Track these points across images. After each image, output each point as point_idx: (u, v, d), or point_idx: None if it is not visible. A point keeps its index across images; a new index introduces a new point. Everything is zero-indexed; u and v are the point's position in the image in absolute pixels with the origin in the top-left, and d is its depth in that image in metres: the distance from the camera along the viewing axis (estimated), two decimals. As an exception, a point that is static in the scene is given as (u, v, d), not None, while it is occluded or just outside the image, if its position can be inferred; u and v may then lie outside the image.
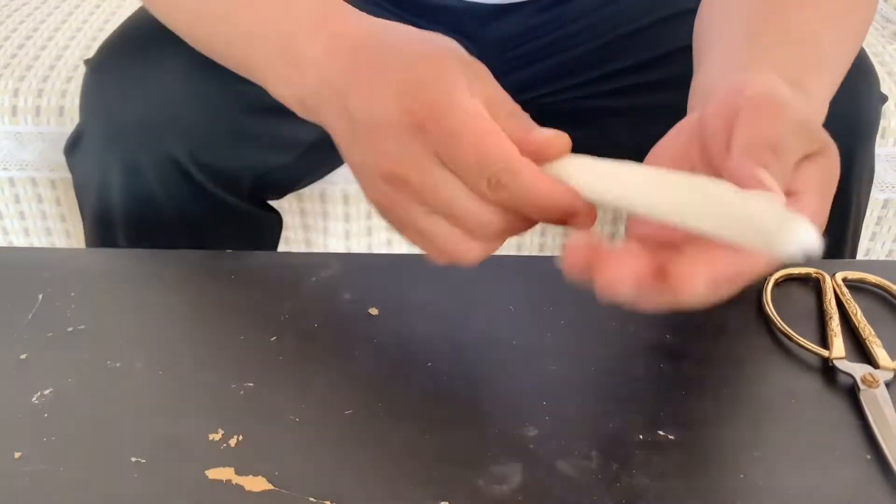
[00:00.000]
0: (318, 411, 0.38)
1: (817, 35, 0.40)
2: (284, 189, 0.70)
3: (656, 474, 0.35)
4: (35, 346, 0.42)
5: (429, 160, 0.32)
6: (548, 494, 0.34)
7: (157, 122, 0.56)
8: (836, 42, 0.41)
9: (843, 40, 0.42)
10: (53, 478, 0.35)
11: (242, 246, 0.66)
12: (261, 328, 0.43)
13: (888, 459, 0.36)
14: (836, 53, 0.41)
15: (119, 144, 0.57)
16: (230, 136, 0.59)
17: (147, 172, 0.57)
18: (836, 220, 0.61)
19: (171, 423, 0.38)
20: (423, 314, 0.44)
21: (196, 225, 0.61)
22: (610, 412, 0.38)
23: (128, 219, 0.60)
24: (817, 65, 0.38)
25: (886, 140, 0.85)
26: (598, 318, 0.44)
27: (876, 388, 0.39)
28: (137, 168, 0.57)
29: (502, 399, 0.39)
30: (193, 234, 0.62)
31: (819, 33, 0.40)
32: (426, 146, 0.32)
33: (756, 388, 0.40)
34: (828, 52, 0.40)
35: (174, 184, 0.58)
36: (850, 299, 0.44)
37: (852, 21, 0.43)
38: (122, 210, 0.59)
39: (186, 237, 0.61)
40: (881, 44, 0.94)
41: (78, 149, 0.60)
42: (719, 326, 0.43)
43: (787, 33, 0.39)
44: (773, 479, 0.35)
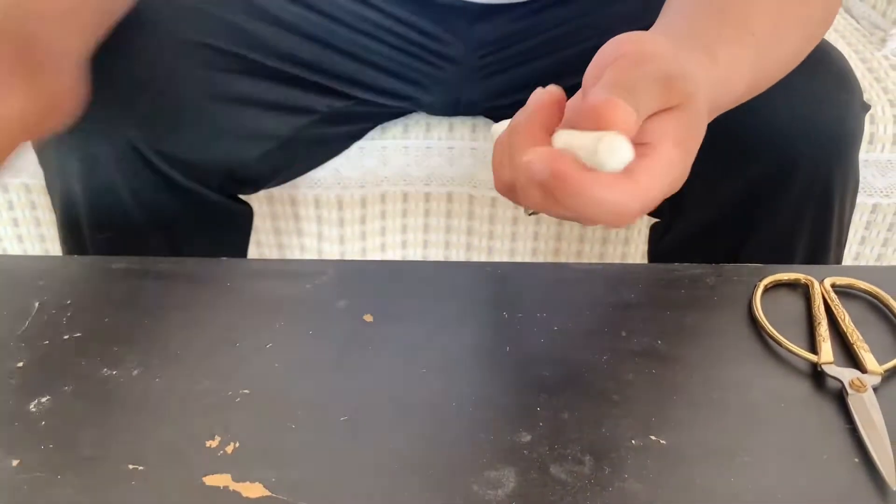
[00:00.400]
0: (313, 418, 0.39)
1: (749, 18, 0.43)
2: (256, 184, 0.70)
3: (648, 478, 0.36)
4: (31, 354, 0.42)
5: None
6: (541, 499, 0.35)
7: (113, 111, 0.56)
8: (772, 26, 0.43)
9: (779, 26, 0.44)
10: (51, 485, 0.35)
11: (211, 236, 0.65)
12: (256, 335, 0.43)
13: (876, 463, 0.36)
14: (767, 36, 0.43)
15: (75, 134, 0.57)
16: (194, 125, 0.59)
17: (105, 162, 0.57)
18: (817, 228, 0.62)
19: (167, 430, 0.38)
20: (417, 321, 0.44)
21: (160, 214, 0.61)
22: (602, 417, 0.39)
23: (90, 208, 0.60)
24: (738, 40, 0.42)
25: (875, 146, 0.86)
26: (589, 324, 0.44)
27: (864, 392, 0.39)
28: (95, 157, 0.57)
29: (496, 405, 0.40)
30: (158, 224, 0.61)
31: (752, 17, 0.43)
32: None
33: (745, 392, 0.40)
34: (756, 31, 0.42)
35: (133, 173, 0.58)
36: (838, 305, 0.45)
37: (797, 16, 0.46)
38: (84, 200, 0.59)
39: (151, 227, 0.61)
40: (869, 50, 0.95)
41: (45, 144, 0.60)
42: (709, 332, 0.44)
43: (720, 11, 0.43)
44: (761, 484, 0.36)
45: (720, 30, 0.42)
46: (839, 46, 0.96)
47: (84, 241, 0.62)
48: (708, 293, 0.46)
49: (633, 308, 0.45)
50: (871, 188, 0.88)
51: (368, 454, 0.37)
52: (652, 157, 0.33)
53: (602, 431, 0.38)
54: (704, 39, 0.41)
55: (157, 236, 0.62)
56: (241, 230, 0.70)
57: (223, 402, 0.39)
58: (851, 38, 0.98)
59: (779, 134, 0.57)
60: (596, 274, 0.48)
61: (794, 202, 0.60)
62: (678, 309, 0.45)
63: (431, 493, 0.35)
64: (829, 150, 0.59)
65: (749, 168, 0.59)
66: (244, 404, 0.39)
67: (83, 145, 0.57)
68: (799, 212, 0.60)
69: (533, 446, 0.37)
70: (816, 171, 0.59)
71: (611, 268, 0.49)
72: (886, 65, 0.92)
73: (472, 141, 0.83)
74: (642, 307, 0.45)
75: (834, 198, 0.61)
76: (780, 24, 0.45)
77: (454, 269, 0.49)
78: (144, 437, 0.38)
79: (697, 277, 0.47)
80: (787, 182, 0.59)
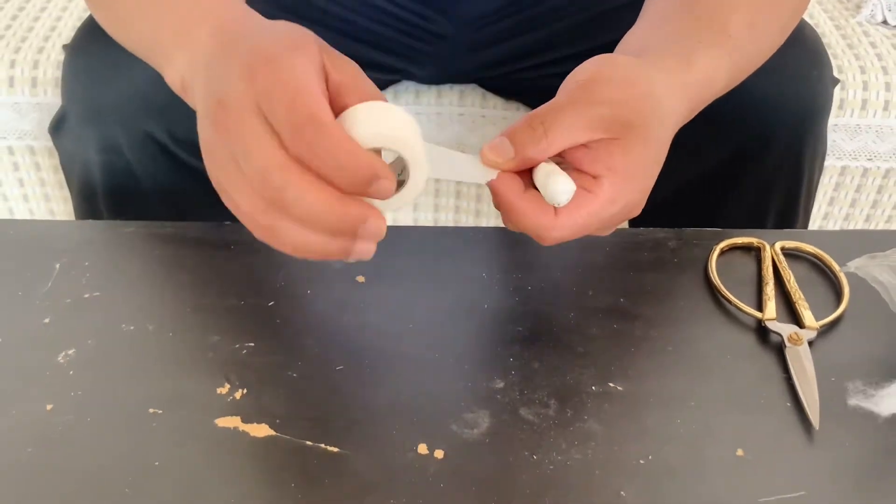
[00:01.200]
0: (311, 368, 0.43)
1: (726, 20, 0.45)
2: None
3: (605, 420, 0.41)
4: (56, 311, 0.47)
5: (251, 108, 0.32)
6: (512, 437, 0.40)
7: (134, 103, 0.60)
8: (749, 26, 0.46)
9: (756, 24, 0.47)
10: (81, 427, 0.40)
11: (220, 213, 0.70)
12: (259, 294, 0.48)
13: (804, 407, 0.41)
14: (743, 35, 0.46)
15: (97, 124, 0.61)
16: None
17: (125, 149, 0.61)
18: (786, 193, 0.67)
19: (182, 378, 0.43)
20: (405, 281, 0.49)
21: (174, 196, 0.65)
22: (567, 366, 0.44)
23: (109, 192, 0.64)
24: (715, 43, 0.44)
25: (845, 111, 0.90)
26: (560, 284, 0.49)
27: (800, 345, 0.44)
28: (116, 146, 0.61)
29: (474, 356, 0.44)
30: (172, 205, 0.65)
31: (729, 20, 0.45)
32: (251, 94, 0.32)
33: (696, 346, 0.45)
34: (733, 32, 0.45)
35: (151, 159, 0.62)
36: (785, 266, 0.50)
37: (772, 13, 0.48)
38: (102, 184, 0.63)
39: (165, 208, 0.65)
40: (844, 17, 0.98)
41: (61, 129, 0.64)
42: (668, 291, 0.49)
43: (697, 18, 0.45)
44: (704, 425, 0.41)
45: (698, 35, 0.44)
46: (815, 12, 0.99)
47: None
48: (669, 256, 0.51)
49: (600, 269, 0.50)
50: (841, 151, 0.93)
51: (361, 399, 0.42)
52: (591, 194, 0.37)
53: (567, 379, 0.43)
54: (681, 47, 0.43)
55: (169, 216, 0.66)
56: None
57: (231, 354, 0.44)
58: (828, 4, 1.01)
59: (755, 107, 0.61)
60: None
61: (768, 169, 0.64)
62: (641, 270, 0.50)
63: (416, 433, 0.40)
64: (801, 123, 0.63)
65: (727, 138, 0.63)
66: (250, 356, 0.44)
67: (103, 135, 0.60)
68: (773, 178, 0.65)
69: (505, 392, 0.42)
70: (789, 141, 0.63)
71: (582, 232, 0.53)
72: (860, 31, 0.95)
73: (461, 107, 0.87)
74: (608, 269, 0.50)
75: (804, 165, 0.66)
76: (757, 23, 0.47)
77: (440, 233, 0.54)
78: (162, 384, 0.42)
79: (660, 241, 0.52)
80: (763, 151, 0.63)
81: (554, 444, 0.40)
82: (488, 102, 0.87)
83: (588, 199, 0.37)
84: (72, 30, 0.92)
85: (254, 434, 0.40)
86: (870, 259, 0.44)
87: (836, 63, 0.89)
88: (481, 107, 0.87)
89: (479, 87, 0.87)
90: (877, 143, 0.92)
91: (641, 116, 0.37)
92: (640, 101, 0.38)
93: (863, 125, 0.90)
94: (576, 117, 0.36)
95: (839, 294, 0.48)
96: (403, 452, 0.39)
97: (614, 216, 0.38)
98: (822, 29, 0.95)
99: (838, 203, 0.98)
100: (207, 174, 0.37)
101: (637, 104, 0.37)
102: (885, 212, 0.98)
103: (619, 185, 0.37)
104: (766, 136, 0.62)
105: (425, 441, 0.39)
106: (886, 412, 0.39)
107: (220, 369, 0.43)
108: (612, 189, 0.37)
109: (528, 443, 0.40)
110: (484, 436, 0.40)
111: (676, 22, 0.46)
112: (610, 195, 0.37)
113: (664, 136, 0.40)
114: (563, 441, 0.40)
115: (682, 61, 0.42)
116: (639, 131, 0.37)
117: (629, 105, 0.37)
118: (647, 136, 0.38)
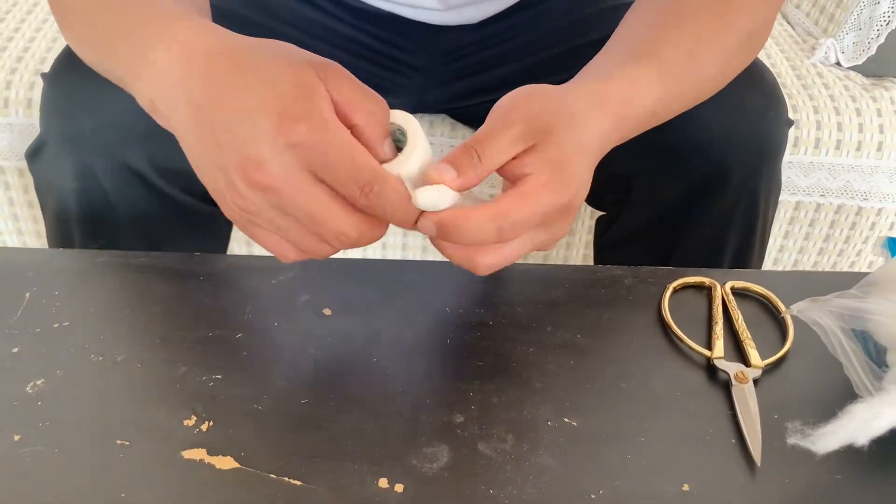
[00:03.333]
0: (277, 401, 0.45)
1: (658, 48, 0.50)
2: None
3: (559, 455, 0.43)
4: (25, 340, 0.47)
5: (303, 175, 0.38)
6: (470, 471, 0.42)
7: (113, 132, 0.61)
8: (687, 53, 0.50)
9: (695, 53, 0.51)
10: (49, 458, 0.41)
11: (194, 242, 0.71)
12: (227, 326, 0.49)
13: (748, 443, 0.44)
14: (679, 61, 0.50)
15: (75, 152, 0.61)
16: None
17: (102, 178, 0.62)
18: (742, 229, 0.70)
19: (150, 410, 0.44)
20: (371, 315, 0.51)
21: (150, 224, 0.66)
22: (525, 401, 0.45)
23: (83, 220, 0.64)
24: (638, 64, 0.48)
25: (799, 149, 0.93)
26: (520, 319, 0.51)
27: (745, 384, 0.47)
28: (93, 174, 0.61)
29: (435, 390, 0.46)
30: (147, 232, 0.66)
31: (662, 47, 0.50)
32: (300, 161, 0.37)
33: (648, 382, 0.47)
34: (665, 58, 0.49)
35: (129, 187, 0.63)
36: (735, 306, 0.52)
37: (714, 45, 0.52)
38: (77, 213, 0.64)
39: (140, 236, 0.66)
40: (799, 57, 1.02)
41: (38, 156, 0.64)
42: (622, 328, 0.51)
43: (630, 50, 0.50)
44: (653, 459, 0.43)
45: (621, 58, 0.49)
46: (773, 52, 1.03)
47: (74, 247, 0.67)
48: (624, 293, 0.53)
49: (558, 305, 0.52)
50: (795, 187, 0.96)
51: (325, 433, 0.43)
52: (519, 187, 0.41)
53: (524, 414, 0.45)
54: (602, 65, 0.49)
55: (143, 244, 0.67)
56: (221, 234, 0.76)
57: (199, 385, 0.45)
58: (785, 45, 1.05)
59: (713, 143, 0.64)
60: (530, 273, 0.55)
61: (725, 205, 0.67)
62: (597, 307, 0.52)
63: (377, 467, 0.41)
64: (758, 160, 0.66)
65: (686, 172, 0.66)
66: (217, 388, 0.45)
67: (81, 163, 0.61)
68: (729, 214, 0.68)
69: (465, 426, 0.44)
70: (745, 177, 0.66)
71: (542, 268, 0.56)
72: (814, 72, 0.99)
73: (430, 136, 0.89)
74: (567, 305, 0.52)
75: (759, 201, 0.69)
76: (697, 52, 0.51)
77: (405, 267, 0.56)
78: (130, 416, 0.43)
79: (616, 279, 0.54)
80: (720, 186, 0.66)
81: (510, 478, 0.41)
82: (457, 132, 0.89)
83: (521, 192, 0.41)
84: (45, 51, 0.92)
85: (219, 466, 0.41)
86: (811, 303, 0.46)
87: (790, 102, 0.93)
88: (450, 136, 0.89)
89: (449, 118, 0.89)
90: (829, 179, 0.95)
91: (556, 121, 0.43)
92: (553, 112, 0.43)
93: (816, 162, 0.94)
94: (500, 139, 0.41)
95: (784, 334, 0.51)
96: (364, 486, 0.40)
97: (548, 207, 0.41)
98: (778, 69, 0.99)
99: (793, 236, 1.01)
100: (185, 204, 0.40)
101: (548, 114, 0.43)
102: (836, 245, 1.02)
103: (543, 177, 0.41)
104: (723, 172, 0.65)
105: (386, 475, 0.41)
106: (822, 451, 0.41)
107: (187, 401, 0.44)
108: (538, 179, 0.41)
109: (485, 477, 0.41)
110: (443, 470, 0.41)
111: (607, 55, 0.51)
112: (538, 183, 0.41)
113: (585, 141, 0.44)
114: (518, 476, 0.41)
115: (601, 79, 0.47)
116: (555, 134, 0.42)
117: (540, 117, 0.42)
118: (564, 137, 0.43)
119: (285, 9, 0.73)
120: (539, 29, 0.75)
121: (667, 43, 0.50)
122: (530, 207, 0.41)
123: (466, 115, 0.86)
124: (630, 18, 0.54)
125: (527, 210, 0.41)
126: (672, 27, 0.51)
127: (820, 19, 1.06)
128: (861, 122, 0.93)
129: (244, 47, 0.40)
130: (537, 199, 0.41)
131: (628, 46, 0.50)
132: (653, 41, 0.50)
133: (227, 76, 0.38)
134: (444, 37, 0.75)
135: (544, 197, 0.41)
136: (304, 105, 0.37)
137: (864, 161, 0.94)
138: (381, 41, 0.75)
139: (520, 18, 0.75)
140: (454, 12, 0.73)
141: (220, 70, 0.38)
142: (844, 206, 0.97)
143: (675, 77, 0.50)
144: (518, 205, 0.41)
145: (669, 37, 0.50)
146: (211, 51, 0.39)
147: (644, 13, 0.53)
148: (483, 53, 0.76)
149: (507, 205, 0.40)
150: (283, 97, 0.37)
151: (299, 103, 0.37)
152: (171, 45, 0.40)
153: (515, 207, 0.40)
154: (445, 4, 0.72)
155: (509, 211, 0.40)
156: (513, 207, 0.40)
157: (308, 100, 0.37)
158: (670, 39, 0.50)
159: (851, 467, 0.43)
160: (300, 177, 0.38)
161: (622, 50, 0.50)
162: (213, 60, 0.39)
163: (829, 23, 1.04)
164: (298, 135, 0.36)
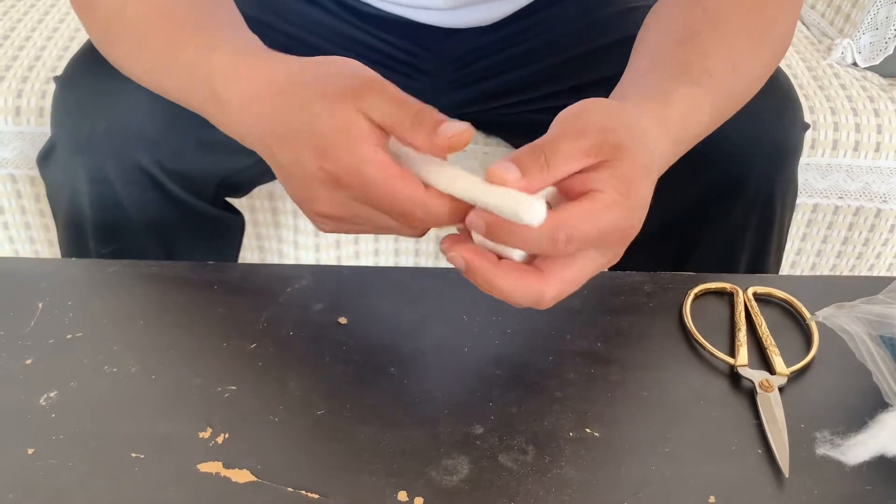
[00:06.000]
0: (293, 412, 0.44)
1: (706, 61, 0.47)
2: (247, 187, 0.75)
3: (582, 466, 0.42)
4: (39, 352, 0.47)
5: (355, 203, 0.40)
6: (490, 484, 0.41)
7: (125, 135, 0.61)
8: (730, 64, 0.48)
9: (737, 63, 0.49)
10: (63, 471, 0.40)
11: (206, 247, 0.70)
12: (241, 336, 0.48)
13: (775, 454, 0.42)
14: (724, 73, 0.48)
15: (87, 156, 0.61)
16: (196, 145, 0.64)
17: (114, 181, 0.62)
18: (759, 234, 0.68)
19: (165, 422, 0.43)
20: (387, 323, 0.50)
21: (162, 228, 0.66)
22: (545, 411, 0.45)
23: (97, 224, 0.64)
24: (695, 82, 0.46)
25: (816, 150, 0.92)
26: (538, 327, 0.50)
27: (771, 392, 0.46)
28: (105, 177, 0.61)
29: (454, 401, 0.45)
30: (160, 237, 0.66)
31: (709, 60, 0.47)
32: (348, 195, 0.39)
33: (671, 391, 0.46)
34: (713, 71, 0.47)
35: (141, 191, 0.63)
36: (757, 312, 0.51)
37: (752, 53, 0.51)
38: (91, 216, 0.64)
39: (153, 240, 0.66)
40: (815, 58, 1.01)
41: (49, 160, 0.64)
42: (643, 335, 0.50)
43: (681, 62, 0.48)
44: (677, 472, 0.42)
45: (676, 78, 0.46)
46: (789, 53, 1.02)
47: (88, 254, 0.67)
48: (644, 300, 0.52)
49: (577, 313, 0.51)
50: (812, 189, 0.95)
51: (342, 444, 0.42)
52: (582, 201, 0.38)
53: (544, 424, 0.44)
54: (660, 89, 0.45)
55: (156, 248, 0.66)
56: (233, 239, 0.75)
57: (214, 396, 0.45)
58: (800, 46, 1.04)
59: (730, 149, 0.63)
60: (547, 280, 0.54)
61: (741, 210, 0.66)
62: (617, 314, 0.51)
63: (396, 480, 0.41)
64: (774, 165, 0.65)
65: (702, 178, 0.65)
66: (232, 399, 0.44)
67: (93, 166, 0.61)
68: (745, 219, 0.67)
69: (485, 437, 0.43)
70: (761, 182, 0.65)
71: (560, 275, 0.55)
72: (831, 73, 0.98)
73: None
74: (585, 312, 0.51)
75: (776, 206, 0.68)
76: (739, 66, 0.49)
77: (421, 274, 0.55)
78: (144, 428, 0.43)
79: (636, 285, 0.53)
80: (736, 192, 0.65)
81: (532, 491, 0.40)
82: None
83: (585, 208, 0.38)
84: (56, 59, 0.92)
85: (235, 479, 0.40)
86: (838, 308, 0.45)
87: (807, 104, 0.92)
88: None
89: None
90: (847, 181, 0.94)
91: (630, 138, 0.40)
92: (627, 127, 0.40)
93: (833, 164, 0.93)
94: (571, 147, 0.38)
95: (809, 341, 0.50)
96: (384, 499, 0.40)
97: (610, 227, 0.38)
98: (794, 70, 0.98)
99: (810, 239, 1.00)
100: (196, 208, 0.40)
101: (624, 129, 0.40)
102: (855, 248, 1.00)
103: (611, 195, 0.38)
104: (739, 177, 0.64)
105: (405, 488, 0.40)
106: (853, 462, 0.40)
107: (202, 412, 0.44)
108: (606, 197, 0.38)
109: (506, 490, 0.40)
110: (463, 483, 0.41)
111: (658, 72, 0.48)
112: (605, 201, 0.38)
113: (651, 163, 0.41)
114: (540, 488, 0.40)
115: (662, 100, 0.44)
116: (627, 152, 0.39)
117: (617, 131, 0.39)
118: (635, 157, 0.39)
119: (296, 13, 0.72)
120: (552, 32, 0.74)
121: (712, 58, 0.48)
122: (590, 224, 0.38)
123: (480, 120, 0.85)
124: (660, 28, 0.52)
125: (586, 226, 0.38)
126: (713, 42, 0.49)
127: (835, 20, 1.04)
128: (879, 123, 0.91)
129: (296, 83, 0.41)
130: (600, 217, 0.38)
131: (678, 63, 0.48)
132: (701, 56, 0.48)
133: (283, 119, 0.40)
134: (455, 40, 0.75)
135: (609, 216, 0.38)
136: (339, 146, 0.38)
137: (882, 163, 0.92)
138: (390, 45, 0.74)
139: (532, 21, 0.74)
140: (462, 14, 0.73)
141: (278, 114, 0.41)
142: (863, 208, 0.96)
143: (722, 94, 0.48)
144: (578, 219, 0.37)
145: (714, 52, 0.48)
146: (273, 88, 0.42)
147: (677, 24, 0.51)
148: (494, 57, 0.75)
149: (568, 217, 0.37)
150: (323, 138, 0.39)
151: (336, 148, 0.38)
152: (241, 85, 0.43)
153: (575, 222, 0.37)
154: (451, 3, 0.71)
155: (568, 224, 0.37)
156: (572, 221, 0.37)
157: (344, 138, 0.38)
158: (715, 55, 0.48)
159: (883, 478, 0.41)
160: (352, 205, 0.40)
161: (673, 67, 0.48)
162: (274, 100, 0.41)
163: (845, 23, 1.02)
164: (338, 177, 0.39)
